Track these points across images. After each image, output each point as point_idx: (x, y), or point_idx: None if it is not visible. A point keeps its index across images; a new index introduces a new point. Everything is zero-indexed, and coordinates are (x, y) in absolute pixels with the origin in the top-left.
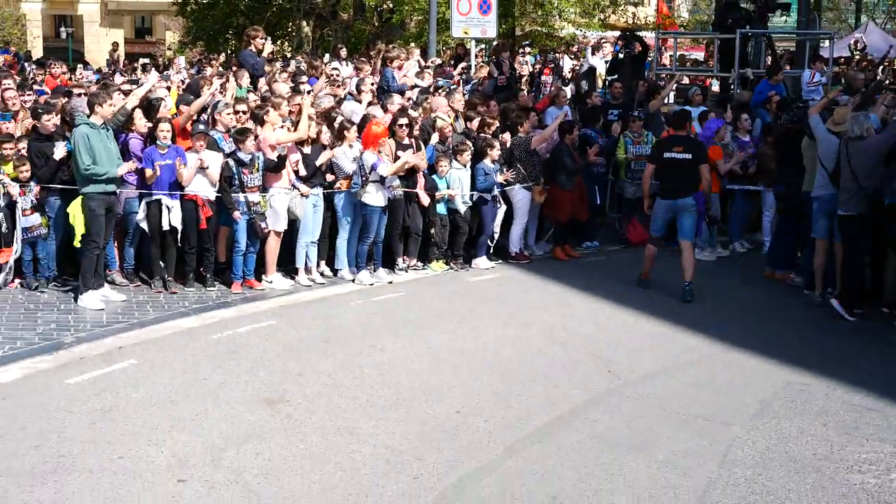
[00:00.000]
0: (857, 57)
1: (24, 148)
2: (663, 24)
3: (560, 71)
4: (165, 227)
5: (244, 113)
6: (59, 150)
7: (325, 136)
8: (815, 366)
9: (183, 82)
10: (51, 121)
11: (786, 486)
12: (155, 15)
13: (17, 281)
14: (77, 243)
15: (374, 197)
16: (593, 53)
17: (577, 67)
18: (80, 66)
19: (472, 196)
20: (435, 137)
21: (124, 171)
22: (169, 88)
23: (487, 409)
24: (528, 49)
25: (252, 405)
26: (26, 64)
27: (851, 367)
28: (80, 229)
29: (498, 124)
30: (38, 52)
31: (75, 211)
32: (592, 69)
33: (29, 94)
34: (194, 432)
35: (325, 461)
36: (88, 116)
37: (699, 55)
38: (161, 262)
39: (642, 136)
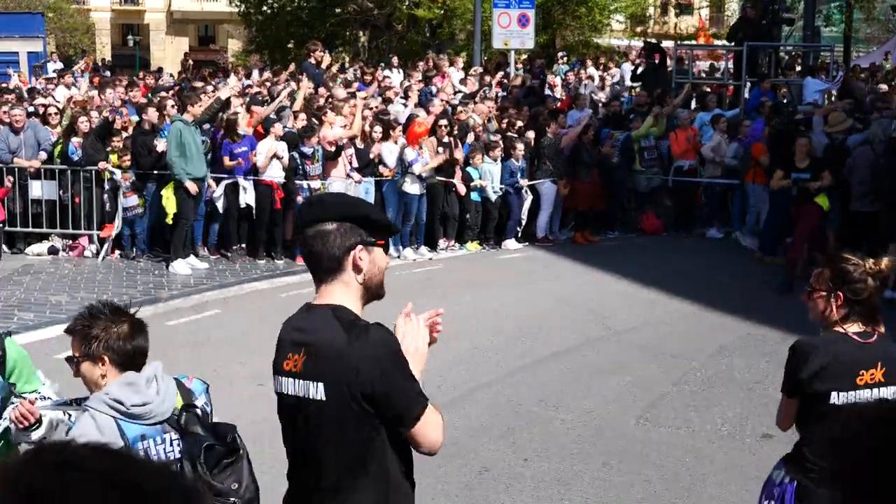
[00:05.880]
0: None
1: (128, 138)
2: (704, 36)
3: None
4: (242, 205)
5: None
6: (161, 144)
7: (376, 132)
8: (776, 322)
9: (244, 88)
10: (152, 114)
11: (720, 398)
12: (218, 24)
13: (117, 252)
14: (169, 221)
15: (412, 186)
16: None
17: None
18: (167, 72)
19: (501, 187)
20: (471, 136)
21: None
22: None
23: (499, 346)
24: (564, 59)
25: None
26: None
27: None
28: (171, 209)
29: (523, 124)
30: (108, 59)
31: (168, 193)
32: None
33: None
34: (268, 356)
35: None
36: (182, 114)
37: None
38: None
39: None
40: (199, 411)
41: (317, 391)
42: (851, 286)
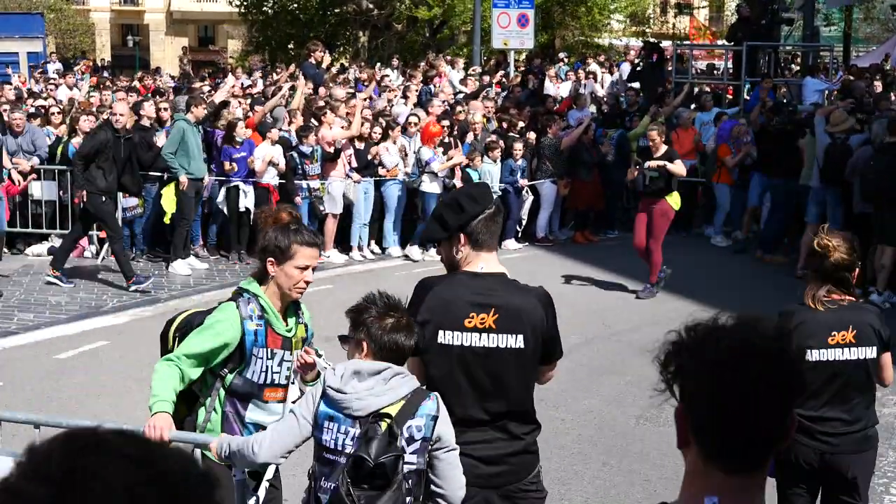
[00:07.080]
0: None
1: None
2: (697, 35)
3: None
4: (242, 208)
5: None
6: (162, 139)
7: (375, 133)
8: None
9: (243, 86)
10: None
11: None
12: (218, 24)
13: None
14: (167, 220)
15: (430, 185)
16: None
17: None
18: (166, 72)
19: (500, 186)
20: (470, 136)
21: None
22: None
23: None
24: (564, 59)
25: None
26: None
27: None
28: (169, 209)
29: (523, 125)
30: (107, 60)
31: (168, 193)
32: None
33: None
34: None
35: None
36: (185, 113)
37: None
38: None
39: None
40: (391, 426)
41: (516, 341)
42: (814, 261)
